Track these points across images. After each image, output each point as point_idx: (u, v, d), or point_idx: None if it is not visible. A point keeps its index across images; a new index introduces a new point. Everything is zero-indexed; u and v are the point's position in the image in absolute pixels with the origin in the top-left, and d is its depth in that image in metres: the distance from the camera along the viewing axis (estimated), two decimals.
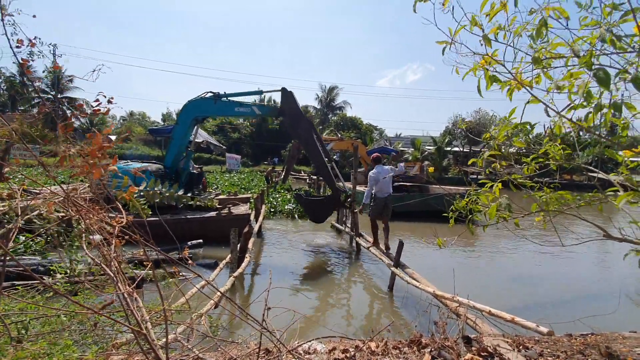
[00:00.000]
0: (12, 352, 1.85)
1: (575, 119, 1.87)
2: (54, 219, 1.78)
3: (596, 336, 2.65)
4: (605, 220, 2.78)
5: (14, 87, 31.37)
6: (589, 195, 1.94)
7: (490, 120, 34.19)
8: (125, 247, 1.77)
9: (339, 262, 7.53)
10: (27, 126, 2.22)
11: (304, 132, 8.05)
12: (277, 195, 15.23)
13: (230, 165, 29.96)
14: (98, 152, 1.40)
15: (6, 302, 2.55)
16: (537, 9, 1.62)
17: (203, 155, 32.63)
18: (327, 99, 48.51)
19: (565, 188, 2.20)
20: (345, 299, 5.63)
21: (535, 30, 1.55)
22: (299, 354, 2.10)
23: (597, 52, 1.48)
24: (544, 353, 2.28)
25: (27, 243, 5.37)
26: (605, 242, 7.95)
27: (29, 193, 3.52)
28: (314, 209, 8.75)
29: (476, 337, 2.51)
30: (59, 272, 3.56)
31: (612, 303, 5.46)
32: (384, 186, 6.74)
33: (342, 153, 28.97)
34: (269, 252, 8.20)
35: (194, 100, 8.39)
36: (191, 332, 2.30)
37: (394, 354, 2.21)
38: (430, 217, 10.01)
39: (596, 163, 3.25)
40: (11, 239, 1.41)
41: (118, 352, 2.16)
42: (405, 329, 4.29)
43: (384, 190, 6.76)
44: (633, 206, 1.50)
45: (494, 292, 5.96)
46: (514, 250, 9.04)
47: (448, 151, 35.82)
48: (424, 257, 8.20)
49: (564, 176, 29.67)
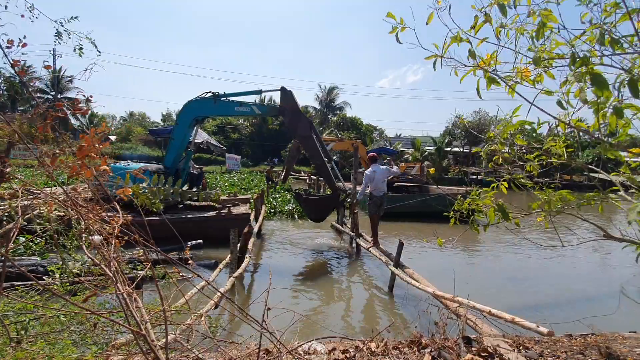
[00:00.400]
0: (11, 352, 1.85)
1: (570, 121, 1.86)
2: (53, 218, 1.77)
3: (596, 336, 2.64)
4: (606, 220, 2.78)
5: (14, 87, 31.35)
6: (589, 195, 1.93)
7: (490, 120, 34.22)
8: (124, 248, 1.77)
9: (339, 263, 7.53)
10: (26, 126, 2.22)
11: (304, 131, 8.05)
12: (277, 196, 15.22)
13: (230, 166, 29.94)
14: (89, 152, 1.39)
15: (5, 303, 2.54)
16: (534, 11, 1.62)
17: (203, 156, 32.62)
18: (326, 99, 48.51)
19: (565, 188, 2.20)
20: (345, 300, 5.63)
21: (535, 31, 1.55)
22: (299, 354, 2.10)
23: (599, 54, 1.48)
24: (544, 353, 2.28)
25: (27, 243, 5.37)
26: (605, 242, 7.97)
27: (29, 193, 3.51)
28: (313, 208, 8.75)
29: (476, 337, 2.51)
30: (57, 273, 3.55)
31: (612, 303, 5.46)
32: (380, 185, 6.96)
33: (342, 153, 28.97)
34: (268, 252, 8.19)
35: (194, 100, 8.38)
36: (191, 332, 2.30)
37: (394, 354, 2.20)
38: (430, 218, 10.03)
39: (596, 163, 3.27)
40: (11, 240, 1.40)
41: (117, 353, 2.15)
42: (406, 329, 4.28)
43: (380, 188, 6.98)
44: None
45: (494, 292, 5.96)
46: (514, 250, 9.03)
47: (448, 151, 35.83)
48: (424, 257, 8.19)
49: (564, 177, 29.68)
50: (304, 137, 8.13)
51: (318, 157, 8.07)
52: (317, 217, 8.82)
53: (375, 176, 6.86)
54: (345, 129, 38.95)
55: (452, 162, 37.26)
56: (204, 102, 8.35)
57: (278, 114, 8.76)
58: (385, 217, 11.97)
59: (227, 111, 8.88)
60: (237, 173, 28.64)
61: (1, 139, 1.55)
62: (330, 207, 8.81)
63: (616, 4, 1.46)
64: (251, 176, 25.97)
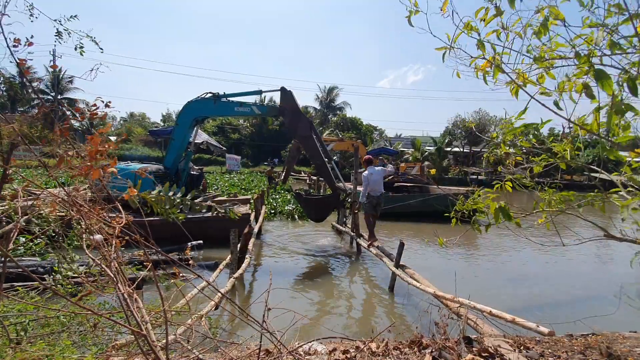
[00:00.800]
0: (11, 353, 1.84)
1: (573, 119, 1.86)
2: (54, 219, 1.77)
3: (597, 336, 2.64)
4: (606, 220, 2.78)
5: (13, 88, 31.37)
6: (590, 195, 1.93)
7: (490, 121, 34.24)
8: (125, 248, 1.77)
9: (340, 263, 7.53)
10: (26, 127, 2.22)
11: (304, 131, 8.05)
12: (277, 196, 15.22)
13: (230, 166, 29.94)
14: (96, 154, 1.40)
15: (5, 304, 2.54)
16: (540, 8, 1.62)
17: (203, 156, 32.62)
18: (326, 99, 48.51)
19: (566, 188, 2.20)
20: (346, 300, 5.62)
21: (537, 30, 1.55)
22: (300, 354, 2.10)
23: (599, 53, 1.48)
24: (544, 353, 2.28)
25: (27, 244, 5.36)
26: (606, 242, 7.95)
27: (30, 194, 3.51)
28: (313, 208, 8.75)
29: (477, 337, 2.50)
30: (59, 273, 3.55)
31: (612, 303, 5.46)
32: (376, 185, 7.17)
33: (342, 154, 28.97)
34: (269, 253, 8.19)
35: (194, 100, 8.38)
36: (191, 333, 2.30)
37: (395, 354, 2.20)
38: (431, 218, 10.03)
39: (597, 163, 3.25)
40: (12, 240, 1.40)
41: (118, 354, 2.15)
42: (406, 329, 4.28)
43: (377, 189, 7.17)
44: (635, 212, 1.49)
45: (494, 293, 5.96)
46: (515, 250, 9.03)
47: (448, 152, 35.84)
48: (425, 257, 8.19)
49: (565, 176, 29.68)
50: (304, 137, 8.13)
51: (318, 157, 8.07)
52: (318, 217, 8.82)
53: (372, 177, 7.09)
54: (345, 129, 38.95)
55: (452, 162, 37.27)
56: (204, 102, 8.35)
57: (278, 114, 8.76)
58: (386, 218, 12.00)
59: (227, 111, 8.88)
60: (237, 173, 28.63)
61: (3, 139, 1.55)
62: (331, 207, 8.80)
63: (619, 6, 1.46)
64: (251, 176, 25.97)
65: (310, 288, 5.93)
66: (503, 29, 1.75)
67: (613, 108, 1.39)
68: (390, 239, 9.45)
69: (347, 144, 21.71)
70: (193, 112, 8.45)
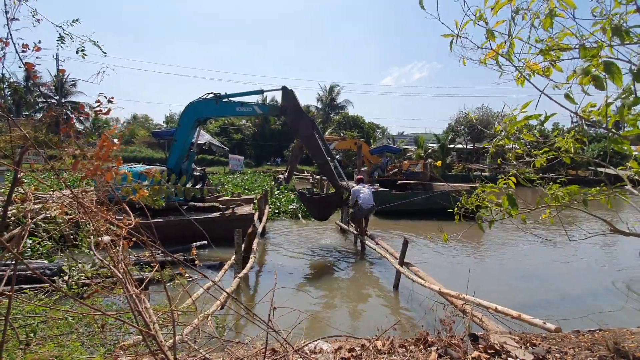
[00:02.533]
0: (21, 355, 1.87)
1: (579, 111, 1.84)
2: (64, 221, 1.79)
3: (604, 332, 2.62)
4: (613, 215, 2.75)
5: (18, 92, 31.63)
6: (596, 189, 1.92)
7: (494, 117, 34.03)
8: (131, 249, 1.78)
9: (344, 262, 7.53)
10: (33, 130, 2.24)
11: (306, 131, 8.04)
12: (280, 196, 15.23)
13: (233, 167, 29.99)
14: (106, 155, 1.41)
15: (14, 306, 2.57)
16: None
17: (206, 157, 32.72)
18: (328, 97, 48.42)
19: (571, 183, 2.18)
20: (351, 298, 5.63)
21: (543, 21, 1.53)
22: (306, 353, 2.11)
23: (606, 45, 1.46)
24: (551, 350, 2.27)
25: (34, 246, 5.42)
26: (612, 238, 7.87)
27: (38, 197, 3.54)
28: (317, 207, 8.75)
29: (483, 334, 2.50)
30: (69, 276, 3.58)
31: (619, 299, 5.43)
32: (367, 199, 7.79)
33: (344, 152, 28.94)
34: (273, 252, 8.21)
35: (196, 101, 8.40)
36: (198, 332, 2.31)
37: (400, 352, 2.20)
38: (435, 215, 9.99)
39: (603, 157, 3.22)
40: (21, 243, 1.42)
41: (126, 354, 2.17)
42: (411, 327, 4.28)
43: (367, 202, 7.77)
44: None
45: (499, 290, 5.93)
46: (520, 247, 8.98)
47: (451, 149, 35.69)
48: (429, 255, 8.17)
49: (570, 172, 29.43)
50: (306, 136, 8.13)
51: (321, 156, 8.07)
52: (321, 216, 8.82)
53: (361, 194, 7.79)
54: (347, 128, 38.89)
55: (456, 159, 37.11)
56: (206, 103, 8.37)
57: (280, 114, 8.76)
58: (390, 215, 12.00)
59: (229, 112, 8.90)
60: (241, 174, 28.68)
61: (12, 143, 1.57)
62: (334, 205, 8.80)
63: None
64: (254, 176, 26.01)
65: (315, 287, 5.94)
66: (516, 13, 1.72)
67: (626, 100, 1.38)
68: (395, 237, 9.44)
69: (350, 143, 21.69)
70: (195, 113, 8.48)
